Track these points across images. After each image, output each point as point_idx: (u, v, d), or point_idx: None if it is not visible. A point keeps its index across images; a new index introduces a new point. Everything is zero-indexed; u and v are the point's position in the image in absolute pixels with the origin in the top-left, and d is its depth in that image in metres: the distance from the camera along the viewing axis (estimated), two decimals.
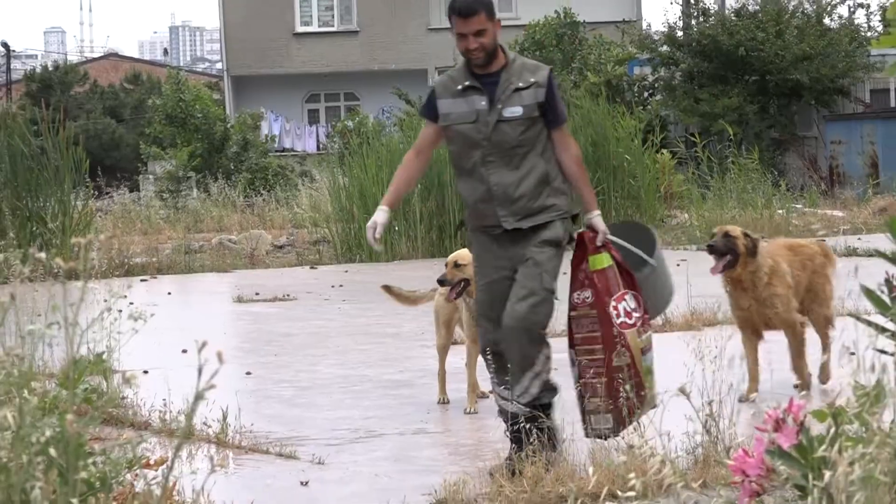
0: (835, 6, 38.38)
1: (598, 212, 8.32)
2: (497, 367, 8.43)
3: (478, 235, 8.53)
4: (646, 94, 37.92)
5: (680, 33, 39.13)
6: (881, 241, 6.94)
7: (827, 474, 4.79)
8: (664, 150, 28.89)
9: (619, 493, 6.29)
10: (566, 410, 8.69)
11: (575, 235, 8.54)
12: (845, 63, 35.99)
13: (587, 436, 8.22)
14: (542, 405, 8.21)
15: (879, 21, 37.78)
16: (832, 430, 5.03)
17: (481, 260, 8.44)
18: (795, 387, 10.78)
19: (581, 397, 8.16)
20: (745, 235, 10.91)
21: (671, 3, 40.94)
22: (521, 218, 8.07)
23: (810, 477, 4.84)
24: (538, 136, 8.09)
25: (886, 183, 30.57)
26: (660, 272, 9.11)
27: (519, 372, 8.09)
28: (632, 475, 6.38)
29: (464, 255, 10.79)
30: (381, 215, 8.28)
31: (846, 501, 4.73)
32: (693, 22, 39.59)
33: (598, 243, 8.14)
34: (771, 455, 5.09)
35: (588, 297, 8.13)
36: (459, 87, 8.14)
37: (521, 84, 8.04)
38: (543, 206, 8.13)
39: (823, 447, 4.93)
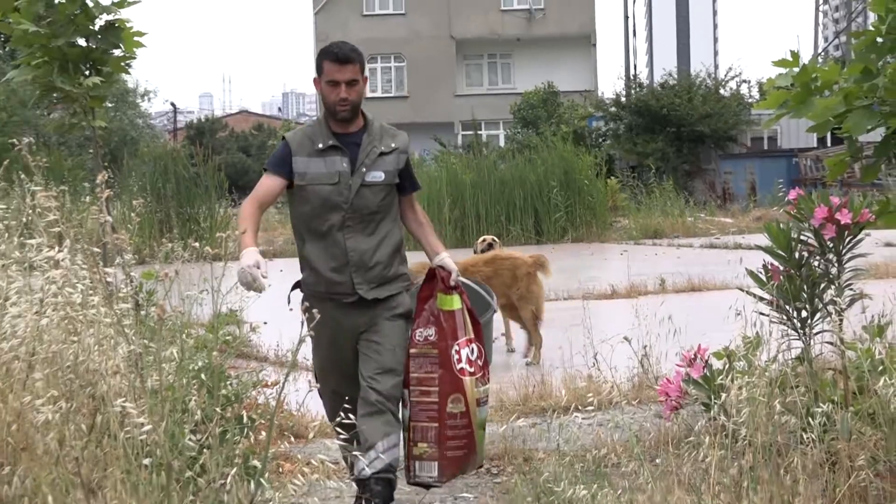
0: (727, 81, 49.57)
1: (445, 253, 7.17)
2: (349, 438, 6.35)
3: (322, 303, 6.49)
4: (600, 140, 46.53)
5: (623, 99, 49.06)
6: (758, 239, 7.21)
7: (723, 396, 5.28)
8: (612, 178, 35.93)
9: (581, 406, 7.74)
10: None
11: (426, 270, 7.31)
12: (734, 119, 46.62)
13: (409, 482, 6.92)
14: (387, 479, 6.54)
15: (757, 91, 48.11)
16: (727, 365, 5.74)
17: (323, 331, 6.19)
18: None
19: (408, 441, 6.79)
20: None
21: (618, 79, 54.35)
22: (375, 286, 6.87)
23: (712, 397, 5.53)
24: (392, 202, 7.04)
25: (761, 200, 37.51)
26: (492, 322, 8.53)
27: (374, 441, 6.49)
28: (590, 395, 7.51)
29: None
30: (253, 254, 6.38)
31: (736, 414, 5.12)
32: (632, 91, 50.52)
33: (451, 283, 6.95)
34: (685, 382, 5.96)
35: (431, 336, 6.84)
36: (319, 145, 6.92)
37: (383, 148, 6.98)
38: (396, 274, 7.02)
39: (721, 377, 5.55)
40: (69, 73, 15.07)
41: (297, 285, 7.06)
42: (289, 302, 6.86)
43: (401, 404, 6.82)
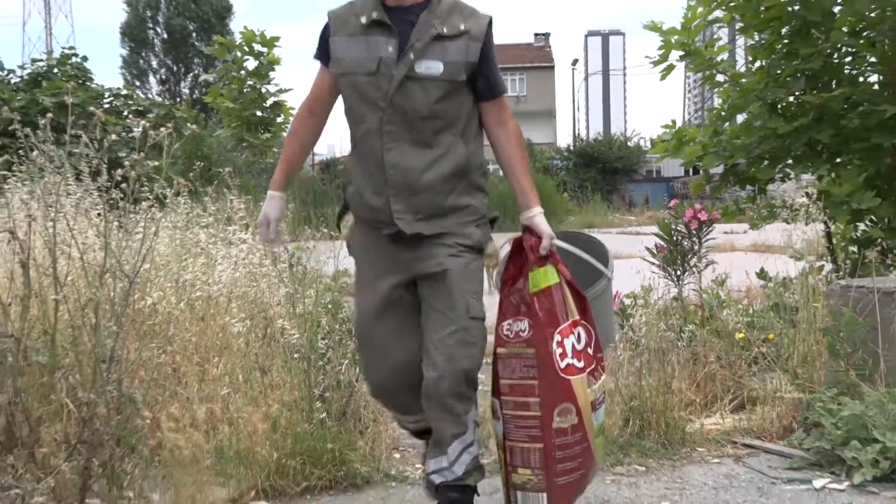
0: (631, 137, 50.49)
1: (539, 209, 3.48)
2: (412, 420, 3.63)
3: (365, 230, 3.48)
4: (558, 171, 45.28)
5: (571, 148, 49.82)
6: (650, 229, 7.47)
7: (631, 319, 5.41)
8: (565, 194, 35.91)
9: None
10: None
11: (507, 243, 3.56)
12: (635, 159, 47.19)
13: None
14: (467, 487, 3.38)
15: (649, 143, 46.28)
16: (634, 301, 5.85)
17: (366, 263, 3.50)
18: None
19: (505, 465, 3.41)
20: None
21: (568, 136, 52.24)
22: (423, 218, 3.34)
23: (624, 321, 5.55)
24: (460, 108, 3.34)
25: (652, 207, 38.20)
26: (609, 292, 3.85)
27: (444, 442, 3.31)
28: None
29: None
30: (271, 206, 3.57)
31: (638, 330, 5.15)
32: (576, 143, 51.59)
33: (542, 252, 3.38)
34: None
35: (524, 330, 3.33)
36: (363, 19, 3.36)
37: (445, 31, 3.31)
38: (455, 205, 3.38)
39: (630, 309, 5.72)
40: (252, 131, 15.48)
41: (346, 206, 3.52)
42: (338, 227, 3.66)
43: (491, 414, 3.47)
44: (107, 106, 15.65)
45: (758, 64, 6.87)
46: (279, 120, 16.80)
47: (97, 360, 3.74)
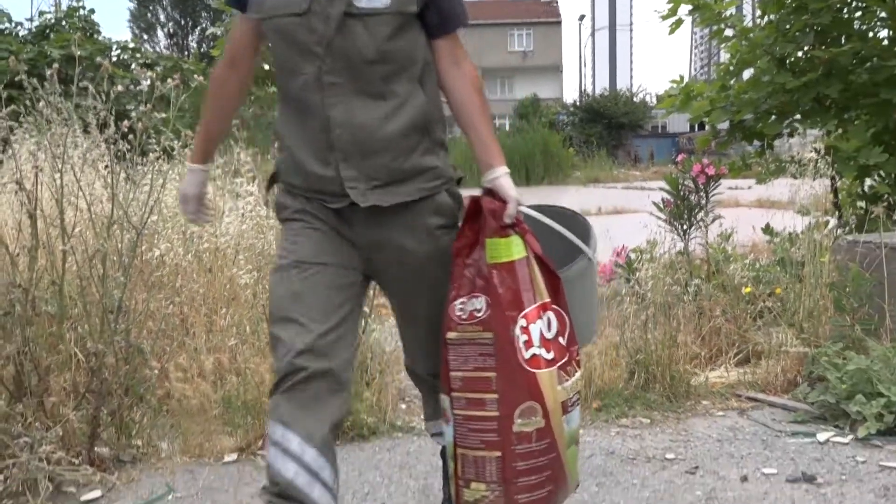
0: (637, 93, 50.21)
1: (505, 169, 2.58)
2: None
3: (303, 203, 2.55)
4: (564, 127, 45.56)
5: (577, 103, 50.02)
6: (655, 184, 7.35)
7: (637, 273, 5.37)
8: (571, 148, 35.53)
9: None
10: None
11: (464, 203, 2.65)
12: (640, 115, 47.06)
13: None
14: None
15: (655, 98, 48.42)
16: (640, 256, 5.73)
17: (302, 242, 2.52)
18: None
19: (456, 478, 2.58)
20: None
21: (575, 91, 51.66)
22: (379, 185, 2.48)
23: (630, 275, 5.48)
24: (414, 48, 2.49)
25: (657, 162, 38.25)
26: (593, 276, 2.90)
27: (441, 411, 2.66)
28: None
29: None
30: (189, 181, 2.81)
31: (644, 284, 5.15)
32: (582, 99, 51.80)
33: (507, 220, 2.51)
34: (615, 265, 5.73)
35: (480, 310, 2.51)
36: None
37: None
38: (418, 167, 2.53)
39: (636, 263, 5.59)
40: (259, 85, 15.22)
41: (274, 177, 2.72)
42: (266, 202, 3.03)
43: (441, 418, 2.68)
44: (114, 59, 15.53)
45: (766, 18, 6.79)
46: None
47: (105, 311, 3.73)
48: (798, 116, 6.64)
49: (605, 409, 4.30)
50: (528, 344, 2.46)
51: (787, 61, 6.52)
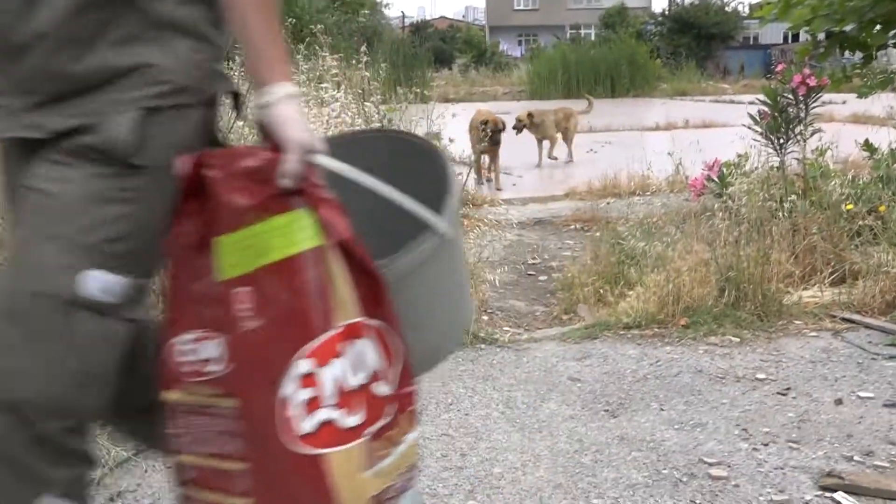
0: (729, 3, 47.40)
1: (287, 88, 1.42)
2: None
3: None
4: (652, 37, 43.10)
5: (666, 13, 46.96)
6: (745, 98, 7.46)
7: (730, 188, 5.29)
8: (658, 59, 33.47)
9: (639, 192, 7.57)
10: None
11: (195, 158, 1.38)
12: (732, 25, 44.58)
13: None
14: None
15: (747, 8, 45.90)
16: (732, 170, 5.67)
17: None
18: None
19: None
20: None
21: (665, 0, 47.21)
22: (41, 103, 1.37)
23: (723, 189, 5.40)
24: None
25: (747, 76, 36.01)
26: (453, 258, 1.62)
27: None
28: (646, 186, 7.62)
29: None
30: None
31: (737, 200, 5.06)
32: (672, 8, 48.33)
33: (285, 182, 1.35)
34: (707, 179, 5.60)
35: (216, 360, 1.38)
36: None
37: None
38: (109, 68, 1.36)
39: (729, 177, 5.50)
40: None
41: None
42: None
43: None
44: None
45: None
46: None
47: None
48: None
49: (693, 327, 4.18)
50: (312, 406, 1.42)
51: None
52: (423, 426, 3.16)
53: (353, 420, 1.44)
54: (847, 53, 6.84)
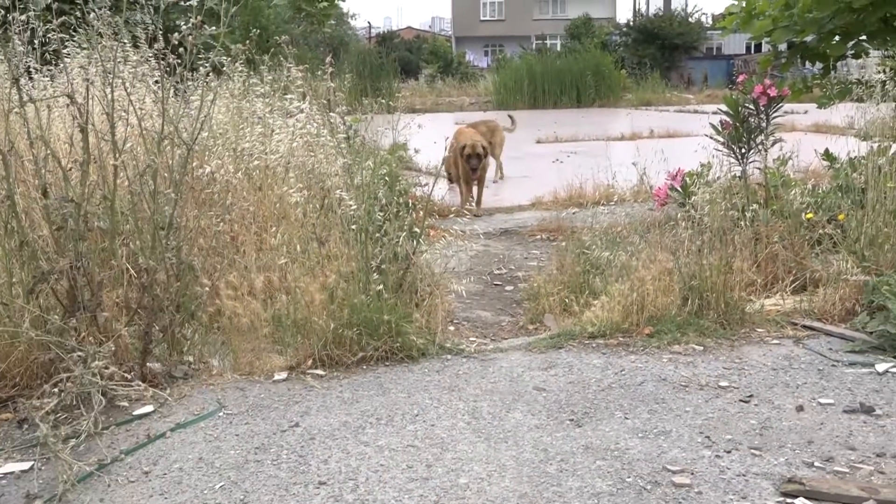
0: (692, 14, 46.86)
1: None
2: None
3: None
4: (616, 48, 43.38)
5: (631, 23, 47.05)
6: (708, 108, 7.46)
7: (692, 198, 5.02)
8: (623, 70, 33.98)
9: (604, 202, 7.54)
10: None
11: None
12: (695, 36, 44.36)
13: None
14: None
15: (711, 19, 47.18)
16: (695, 180, 5.57)
17: None
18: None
19: None
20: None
21: (629, 10, 48.80)
22: None
23: (685, 199, 5.39)
24: None
25: (711, 85, 37.12)
26: None
27: None
28: (610, 196, 7.62)
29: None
30: None
31: (699, 209, 4.86)
32: (636, 19, 48.88)
33: None
34: (670, 189, 5.74)
35: None
36: None
37: None
38: None
39: (692, 186, 5.34)
40: (310, 1, 15.07)
41: None
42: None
43: None
44: None
45: None
46: None
47: (156, 227, 3.69)
48: (863, 37, 6.38)
49: (657, 335, 4.20)
50: None
51: None
52: (388, 437, 3.16)
53: None
54: (808, 64, 6.95)
